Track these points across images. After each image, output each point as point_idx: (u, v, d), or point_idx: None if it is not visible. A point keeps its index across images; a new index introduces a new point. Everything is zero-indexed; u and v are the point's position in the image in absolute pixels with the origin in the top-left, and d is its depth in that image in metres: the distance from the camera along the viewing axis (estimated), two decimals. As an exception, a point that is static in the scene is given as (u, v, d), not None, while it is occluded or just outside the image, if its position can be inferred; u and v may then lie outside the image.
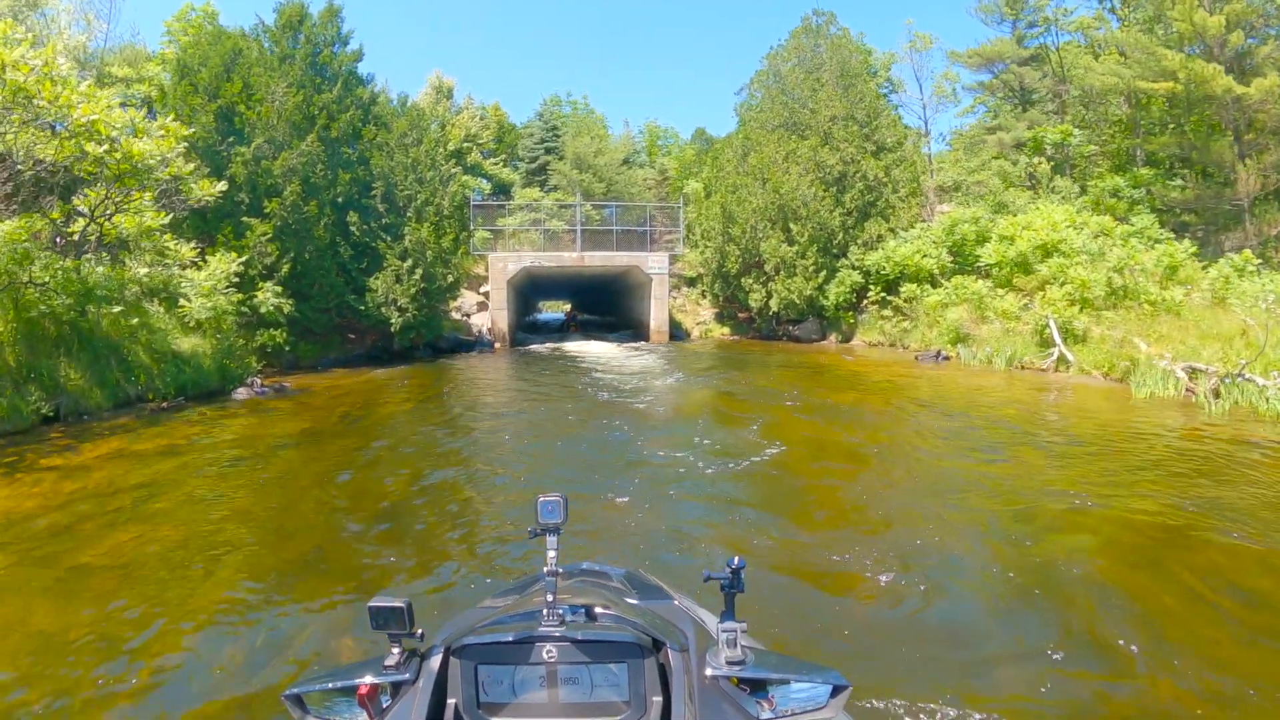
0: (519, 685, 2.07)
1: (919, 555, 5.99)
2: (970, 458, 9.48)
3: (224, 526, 6.88)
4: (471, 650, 2.08)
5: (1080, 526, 6.74)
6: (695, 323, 31.67)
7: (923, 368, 19.08)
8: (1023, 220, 22.94)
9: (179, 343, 15.44)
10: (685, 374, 18.64)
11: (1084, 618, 4.90)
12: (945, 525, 6.72)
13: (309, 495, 7.93)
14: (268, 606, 5.15)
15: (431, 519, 7.11)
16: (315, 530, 6.78)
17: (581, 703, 2.06)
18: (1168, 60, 25.20)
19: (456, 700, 2.07)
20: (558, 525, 2.27)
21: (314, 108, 20.65)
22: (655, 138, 54.90)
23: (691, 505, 7.52)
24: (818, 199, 26.12)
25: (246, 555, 6.19)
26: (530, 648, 2.05)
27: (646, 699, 2.03)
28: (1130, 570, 5.75)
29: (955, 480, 8.35)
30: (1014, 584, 5.46)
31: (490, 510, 7.36)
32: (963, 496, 7.68)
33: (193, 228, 18.98)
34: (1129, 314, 18.43)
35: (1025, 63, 36.54)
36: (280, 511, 7.37)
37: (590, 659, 2.05)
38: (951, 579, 5.58)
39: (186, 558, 6.05)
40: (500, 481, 8.64)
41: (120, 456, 9.64)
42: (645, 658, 2.06)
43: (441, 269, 22.49)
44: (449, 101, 42.88)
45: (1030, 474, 8.57)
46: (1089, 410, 12.89)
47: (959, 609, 5.09)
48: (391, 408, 13.79)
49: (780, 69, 29.88)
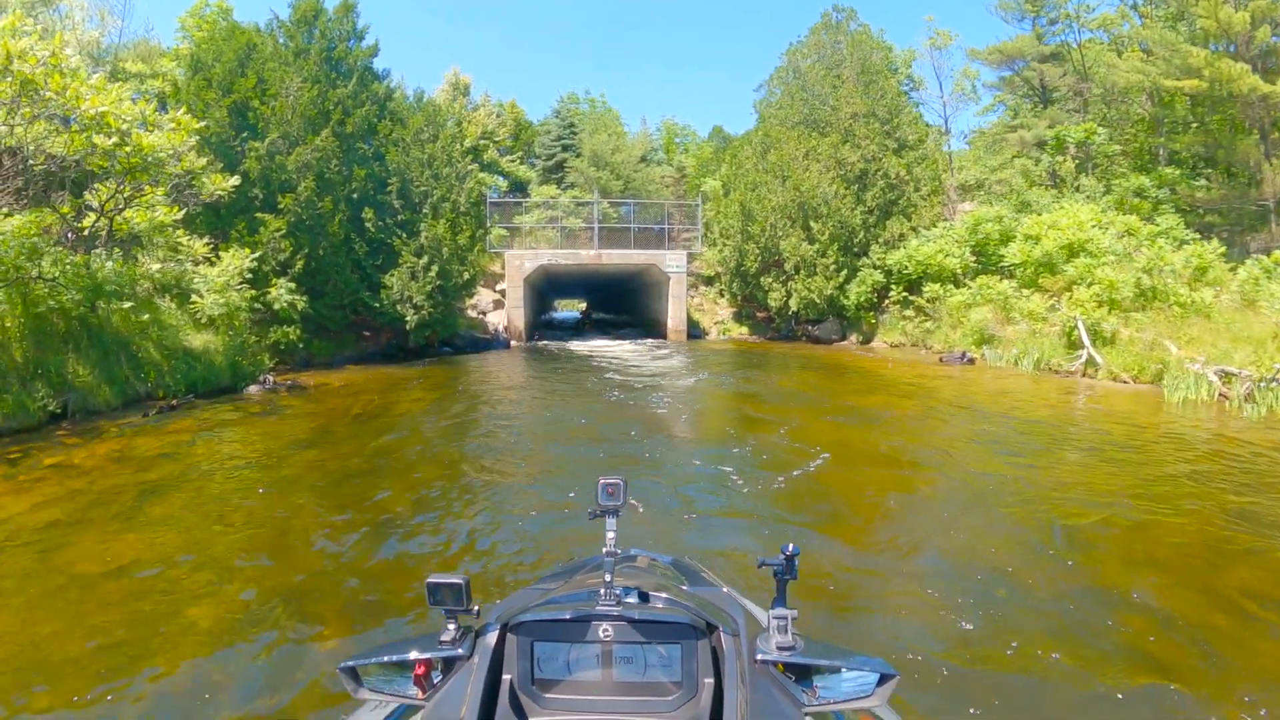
0: (574, 663, 2.06)
1: (966, 572, 5.70)
2: (1008, 465, 9.09)
3: (227, 533, 6.60)
4: (528, 627, 2.08)
5: (1126, 539, 6.43)
6: (713, 322, 31.32)
7: (948, 369, 18.67)
8: (1048, 219, 22.46)
9: (191, 339, 15.23)
10: (706, 375, 18.34)
11: (1139, 637, 4.62)
12: (992, 538, 6.40)
13: (318, 500, 7.64)
14: (271, 622, 4.86)
15: (444, 531, 6.80)
16: (323, 540, 6.48)
17: (635, 682, 2.04)
18: (1193, 57, 24.72)
19: (511, 676, 2.05)
20: (617, 507, 2.27)
21: (329, 103, 20.43)
22: (673, 135, 54.47)
23: (723, 522, 7.07)
24: (839, 197, 25.71)
25: (250, 566, 5.91)
26: (587, 626, 2.05)
27: (698, 680, 2.02)
28: (1181, 588, 5.43)
29: (998, 490, 7.98)
30: (1065, 602, 5.13)
31: (507, 524, 6.99)
32: (1006, 507, 7.33)
33: (206, 223, 18.80)
34: (1158, 316, 17.94)
35: (1046, 60, 36.01)
36: (287, 518, 7.08)
37: (645, 639, 2.04)
38: (1003, 597, 5.25)
39: (186, 568, 5.77)
40: (518, 490, 8.29)
41: (125, 457, 9.40)
42: (699, 640, 2.05)
43: (457, 266, 22.23)
44: (466, 98, 42.66)
45: (1070, 482, 8.23)
46: (1123, 415, 12.51)
47: (1013, 629, 4.76)
48: (405, 407, 13.51)
49: (800, 65, 29.52)
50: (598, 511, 2.28)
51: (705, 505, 7.54)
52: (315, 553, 6.13)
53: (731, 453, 9.79)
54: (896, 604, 5.18)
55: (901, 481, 8.39)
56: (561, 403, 14.19)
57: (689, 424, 12.35)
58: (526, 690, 2.04)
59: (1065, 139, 30.34)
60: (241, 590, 5.38)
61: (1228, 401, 13.17)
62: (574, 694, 2.04)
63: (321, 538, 6.46)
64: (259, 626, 4.78)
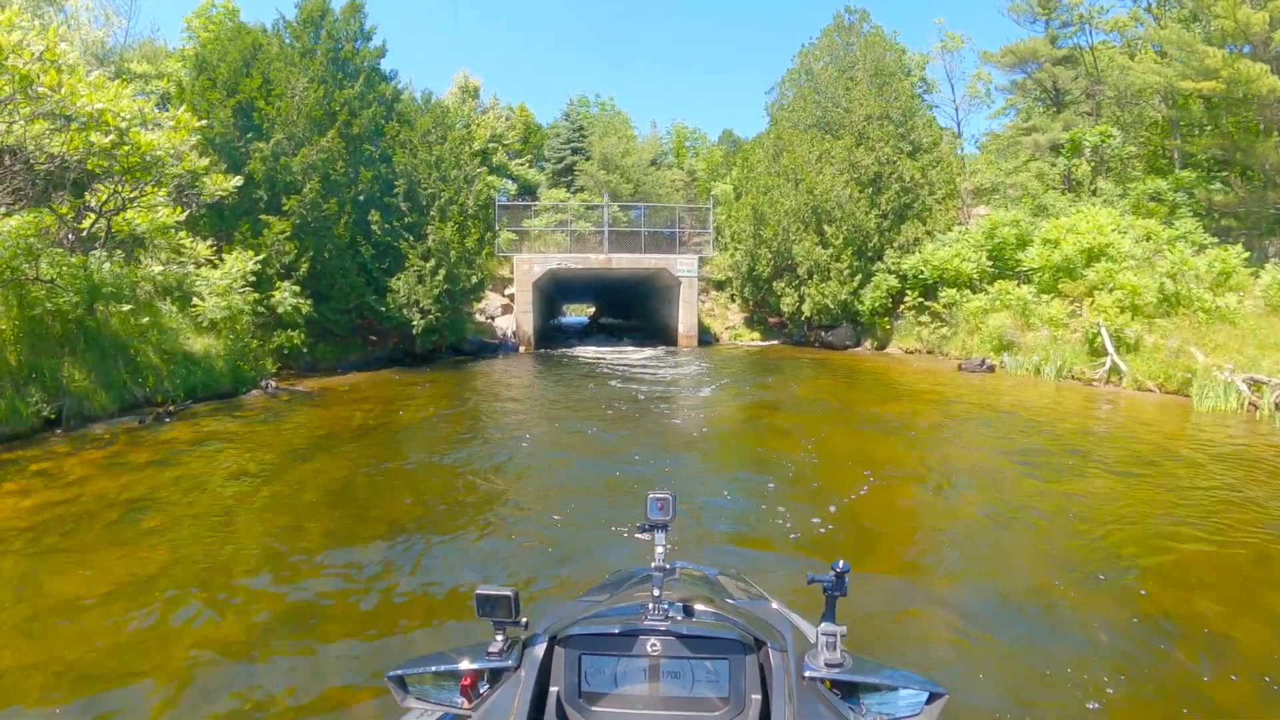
0: (621, 676, 2.05)
1: (1017, 604, 5.33)
2: (1043, 481, 8.65)
3: (218, 550, 6.23)
4: (577, 640, 2.07)
5: (1178, 562, 6.03)
6: (724, 327, 30.91)
7: (968, 377, 18.21)
8: (1066, 223, 22.00)
9: (191, 343, 14.90)
10: (722, 382, 17.93)
11: (1199, 679, 4.25)
12: (1039, 565, 6.02)
13: (314, 515, 7.27)
14: (259, 652, 4.49)
15: (444, 556, 6.41)
16: (321, 562, 6.09)
17: (682, 697, 2.03)
18: (1211, 59, 24.29)
19: (559, 689, 2.03)
20: (666, 522, 2.31)
21: (335, 104, 20.08)
22: (683, 139, 54.00)
23: (756, 555, 6.37)
24: (853, 200, 25.27)
25: (241, 587, 5.53)
26: (635, 640, 2.04)
27: (746, 697, 1.99)
28: (1238, 615, 5.08)
29: (1036, 509, 7.56)
30: (1122, 636, 4.76)
31: (517, 554, 6.56)
32: (1048, 529, 6.93)
33: (210, 225, 18.51)
34: (1182, 322, 17.48)
35: (1059, 62, 35.72)
36: (282, 536, 6.69)
37: (693, 654, 2.03)
38: (1055, 630, 4.89)
39: (174, 589, 5.39)
40: (529, 514, 7.82)
41: (117, 465, 9.06)
42: (747, 655, 2.02)
43: (465, 270, 21.85)
44: (475, 101, 42.36)
45: (1110, 500, 7.82)
46: (1153, 425, 12.12)
47: (1071, 661, 4.39)
48: (410, 416, 13.13)
49: (812, 67, 29.09)
50: (646, 525, 2.32)
51: (729, 530, 7.06)
52: (313, 576, 5.75)
53: (754, 470, 9.39)
54: (944, 640, 4.79)
55: (936, 502, 7.97)
56: (572, 413, 13.76)
57: (708, 437, 11.89)
58: (573, 703, 2.03)
59: (1081, 141, 29.92)
60: (231, 616, 5.01)
61: (1257, 410, 12.89)
62: (620, 708, 2.02)
63: (320, 559, 6.08)
64: (251, 657, 4.41)
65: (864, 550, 6.40)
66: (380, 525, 6.86)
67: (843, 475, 8.88)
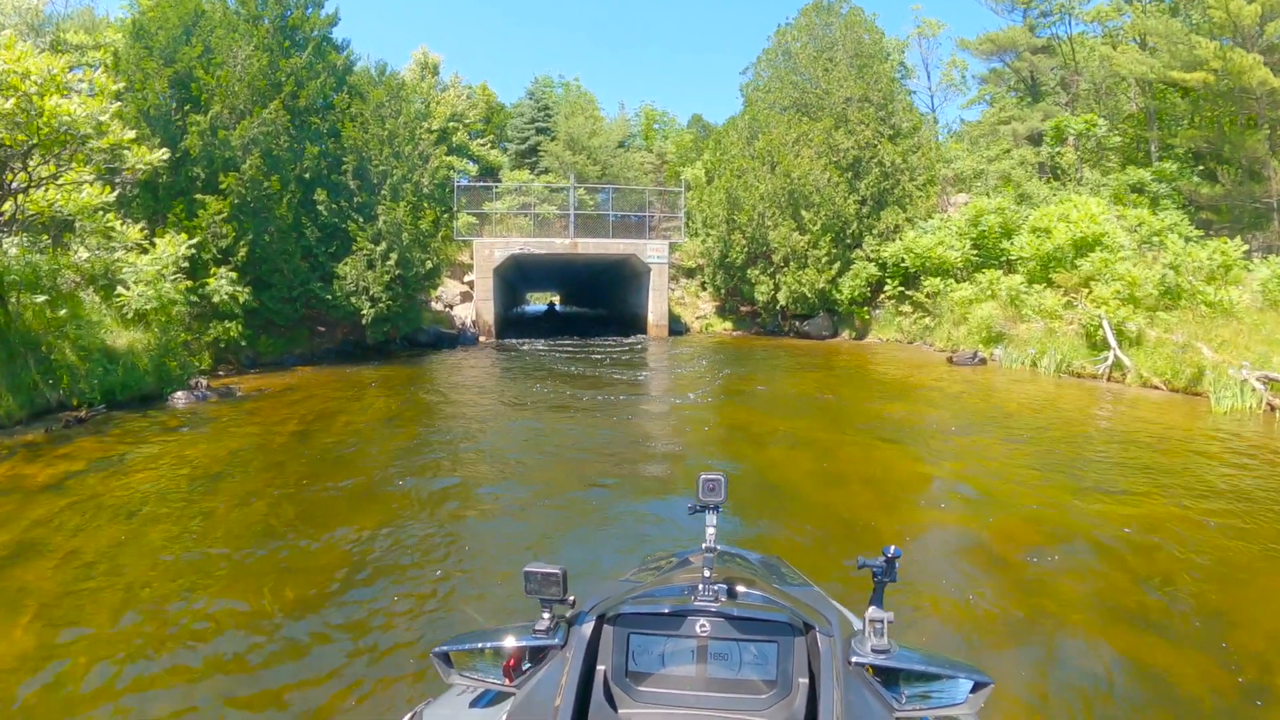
0: (669, 656, 2.00)
1: (1098, 666, 4.31)
2: (1079, 498, 7.52)
3: (102, 602, 4.90)
4: (626, 619, 2.02)
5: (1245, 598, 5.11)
6: (695, 317, 29.71)
7: (961, 370, 17.17)
8: (1056, 211, 21.03)
9: (116, 338, 13.34)
10: (701, 377, 16.78)
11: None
12: (1108, 615, 4.92)
13: (216, 567, 5.88)
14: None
15: (382, 601, 5.12)
16: (227, 615, 4.81)
17: (729, 679, 1.97)
18: (1202, 49, 23.54)
19: (605, 667, 1.98)
20: (718, 503, 2.22)
21: (280, 74, 18.41)
22: (651, 121, 52.40)
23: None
24: (832, 184, 24.13)
25: (129, 650, 4.30)
26: (683, 620, 1.99)
27: (793, 680, 1.93)
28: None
29: (1083, 536, 6.42)
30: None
31: (480, 595, 5.33)
32: (1107, 563, 5.80)
33: (143, 207, 16.92)
34: (1185, 316, 16.58)
35: (1038, 51, 35.06)
36: (172, 593, 5.33)
37: (742, 635, 1.97)
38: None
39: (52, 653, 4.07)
40: (493, 544, 6.58)
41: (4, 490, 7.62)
42: (795, 639, 1.96)
43: (419, 254, 20.30)
44: (435, 78, 40.60)
45: (1158, 523, 6.74)
46: (1172, 426, 11.27)
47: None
48: (353, 418, 11.71)
49: (791, 47, 27.85)
50: (698, 507, 2.25)
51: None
52: (214, 639, 4.47)
53: (759, 496, 8.11)
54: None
55: (977, 532, 6.74)
56: (539, 416, 12.41)
57: (694, 445, 10.58)
58: (619, 682, 1.98)
59: (1065, 129, 29.10)
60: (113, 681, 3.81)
61: (1276, 411, 12.26)
62: (667, 688, 1.97)
63: (231, 619, 4.78)
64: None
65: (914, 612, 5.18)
66: (303, 581, 5.51)
67: (863, 502, 7.67)
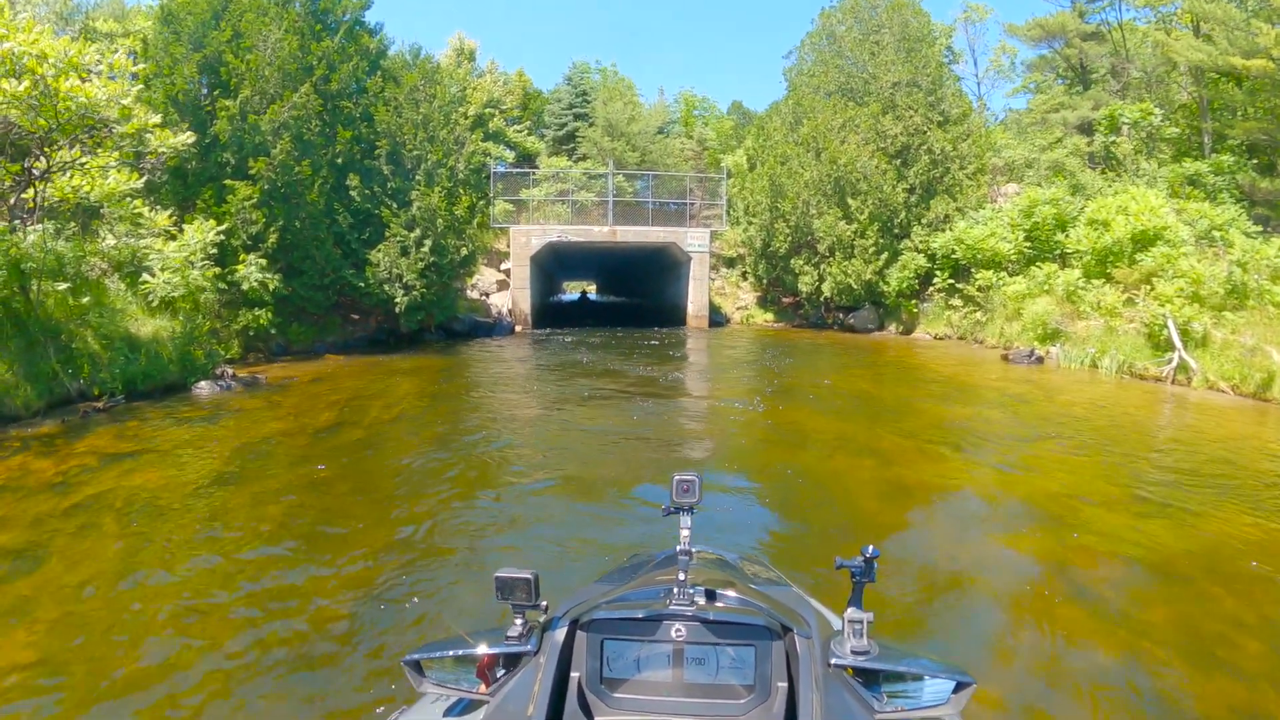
0: (644, 662, 1.95)
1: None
2: (1161, 514, 6.75)
3: (109, 616, 4.41)
4: (600, 624, 1.97)
5: None
6: (735, 307, 28.98)
7: (1018, 369, 16.28)
8: (1115, 203, 19.97)
9: (141, 326, 13.00)
10: (745, 372, 16.10)
11: None
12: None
13: (228, 583, 5.37)
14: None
15: (405, 624, 4.57)
16: (236, 631, 4.32)
17: (706, 683, 1.93)
18: (1262, 35, 22.27)
19: (580, 674, 1.95)
20: (692, 504, 2.16)
21: (311, 57, 17.98)
22: (691, 107, 51.39)
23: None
24: (879, 172, 23.24)
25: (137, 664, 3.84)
26: (659, 625, 1.94)
27: (771, 684, 1.90)
28: None
29: (1175, 561, 5.64)
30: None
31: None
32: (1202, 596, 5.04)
33: (172, 193, 16.61)
34: (1252, 316, 15.57)
35: (1088, 38, 33.63)
36: (188, 601, 4.82)
37: (718, 639, 1.93)
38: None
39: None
40: (524, 546, 6.04)
41: (9, 490, 7.20)
42: (773, 642, 1.93)
43: (454, 241, 19.83)
44: (471, 64, 40.05)
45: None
46: (1256, 439, 10.33)
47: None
48: (382, 413, 11.22)
49: (835, 30, 26.87)
50: (672, 509, 2.19)
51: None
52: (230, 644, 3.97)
53: (819, 514, 7.42)
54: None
55: (1059, 556, 6.04)
56: (576, 411, 11.80)
57: (745, 451, 9.90)
58: (594, 689, 1.95)
59: (1120, 118, 27.81)
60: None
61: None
62: (643, 694, 1.94)
63: (246, 627, 4.27)
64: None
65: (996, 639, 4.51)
66: (321, 580, 4.98)
67: (936, 524, 6.95)
